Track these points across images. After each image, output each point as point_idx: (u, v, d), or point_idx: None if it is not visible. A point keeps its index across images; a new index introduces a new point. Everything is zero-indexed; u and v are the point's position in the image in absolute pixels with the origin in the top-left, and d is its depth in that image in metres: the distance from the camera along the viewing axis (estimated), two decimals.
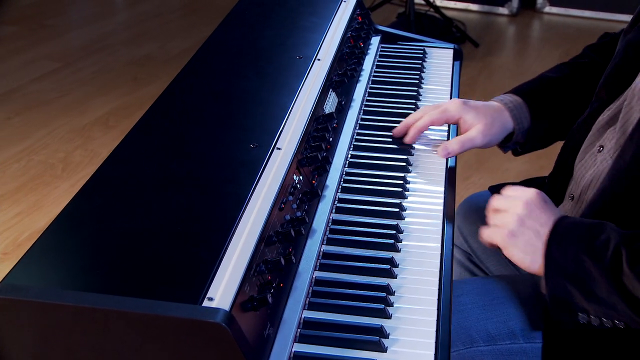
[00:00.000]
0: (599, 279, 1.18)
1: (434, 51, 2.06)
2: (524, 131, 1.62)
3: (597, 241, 1.20)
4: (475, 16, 5.54)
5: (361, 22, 2.01)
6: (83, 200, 1.15)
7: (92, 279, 0.99)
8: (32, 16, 5.10)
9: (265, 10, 1.98)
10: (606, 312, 1.20)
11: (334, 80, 1.65)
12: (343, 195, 1.42)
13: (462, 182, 3.31)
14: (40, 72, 4.26)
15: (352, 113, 1.66)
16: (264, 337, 1.02)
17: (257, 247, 1.08)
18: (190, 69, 1.64)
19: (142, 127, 1.39)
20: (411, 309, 1.16)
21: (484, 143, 1.55)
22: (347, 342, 1.07)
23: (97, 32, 4.93)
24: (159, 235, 1.08)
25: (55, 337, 0.97)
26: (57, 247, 1.04)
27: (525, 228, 1.26)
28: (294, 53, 1.69)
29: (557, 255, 1.22)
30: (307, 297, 1.16)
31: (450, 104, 1.58)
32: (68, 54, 4.54)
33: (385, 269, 1.22)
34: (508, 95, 1.64)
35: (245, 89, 1.56)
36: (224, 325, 0.91)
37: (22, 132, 3.62)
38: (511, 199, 1.30)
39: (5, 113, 3.80)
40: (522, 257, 1.25)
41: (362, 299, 1.16)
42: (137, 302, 0.93)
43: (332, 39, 1.78)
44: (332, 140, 1.50)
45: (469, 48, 4.85)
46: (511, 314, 1.36)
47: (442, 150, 1.55)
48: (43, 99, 3.97)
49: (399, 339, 1.09)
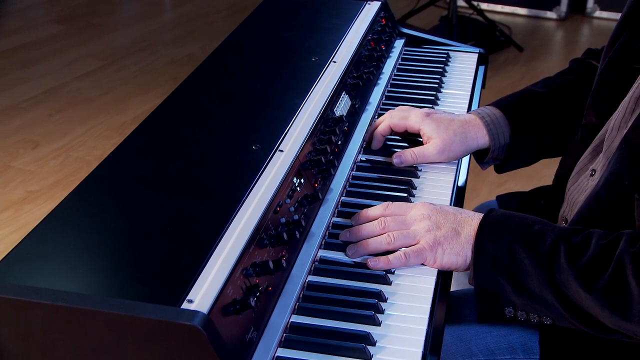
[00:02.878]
0: (531, 271, 1.15)
1: (458, 55, 2.03)
2: (502, 147, 1.55)
3: (531, 232, 1.18)
4: (522, 20, 5.48)
5: (384, 24, 1.99)
6: (76, 198, 1.16)
7: (73, 277, 0.99)
8: (81, 15, 5.19)
9: (287, 12, 1.97)
10: (535, 307, 1.17)
11: (349, 83, 1.64)
12: (347, 199, 1.40)
13: (496, 189, 3.26)
14: (83, 70, 4.33)
15: (366, 116, 1.65)
16: (246, 341, 1.01)
17: (245, 250, 1.07)
18: (203, 69, 1.64)
19: (146, 126, 1.39)
20: (402, 316, 1.13)
21: (440, 159, 1.50)
22: (331, 348, 1.06)
23: (142, 32, 4.99)
24: (147, 235, 1.08)
25: (33, 336, 0.97)
26: (42, 245, 1.05)
27: (441, 233, 1.23)
28: (310, 55, 1.68)
29: (490, 246, 1.19)
30: (297, 301, 1.15)
31: (414, 113, 1.53)
32: (112, 52, 4.60)
33: (380, 276, 1.20)
34: (488, 108, 1.56)
35: (256, 90, 1.55)
36: (200, 328, 0.91)
37: (62, 129, 3.68)
38: (399, 218, 1.27)
39: (47, 110, 3.87)
40: (454, 260, 1.22)
41: (353, 305, 1.14)
42: (114, 303, 0.93)
43: (350, 41, 1.76)
44: (341, 144, 1.48)
45: (513, 52, 4.79)
46: (512, 328, 1.33)
47: (396, 157, 1.50)
48: (84, 96, 4.03)
49: (385, 347, 1.07)
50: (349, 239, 1.28)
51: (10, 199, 3.12)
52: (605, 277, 1.11)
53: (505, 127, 1.53)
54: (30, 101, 3.96)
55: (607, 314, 1.11)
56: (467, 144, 1.51)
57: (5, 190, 3.19)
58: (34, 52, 4.58)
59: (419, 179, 1.48)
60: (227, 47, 1.77)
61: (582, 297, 1.12)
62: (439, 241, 1.23)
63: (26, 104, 3.93)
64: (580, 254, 1.14)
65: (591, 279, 1.11)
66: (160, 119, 1.43)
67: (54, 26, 5.01)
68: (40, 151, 3.47)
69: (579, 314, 1.15)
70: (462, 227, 1.24)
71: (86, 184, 1.20)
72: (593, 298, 1.11)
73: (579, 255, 1.14)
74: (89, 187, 1.20)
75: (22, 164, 3.37)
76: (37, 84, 4.14)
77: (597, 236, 1.16)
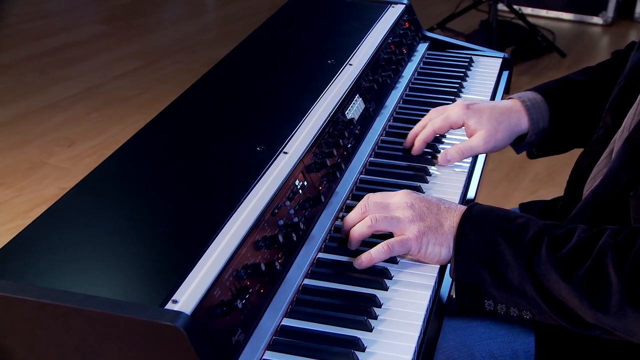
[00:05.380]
0: (512, 263, 1.13)
1: (482, 60, 2.01)
2: (538, 132, 1.54)
3: (513, 224, 1.16)
4: (567, 25, 5.40)
5: (407, 28, 1.97)
6: (74, 196, 1.17)
7: (61, 275, 1.00)
8: (123, 16, 5.25)
9: (309, 13, 1.97)
10: (515, 300, 1.15)
11: (363, 86, 1.63)
12: (352, 202, 1.39)
13: (529, 196, 3.22)
14: (123, 70, 4.38)
15: (380, 120, 1.63)
16: (232, 343, 1.00)
17: (236, 252, 1.06)
18: (218, 68, 1.64)
19: (154, 124, 1.40)
20: (396, 322, 1.12)
21: (487, 149, 1.50)
22: (318, 352, 1.05)
23: (182, 33, 5.03)
24: (141, 234, 1.08)
25: (19, 332, 0.97)
26: (33, 242, 1.05)
27: (425, 224, 1.21)
28: (327, 57, 1.68)
29: (472, 237, 1.17)
30: (290, 304, 1.14)
31: (453, 109, 1.52)
32: (151, 52, 4.65)
33: (377, 280, 1.19)
34: (529, 93, 1.56)
35: (268, 90, 1.55)
36: (181, 328, 0.90)
37: (98, 128, 3.72)
38: (380, 204, 1.25)
39: (85, 109, 3.92)
40: (438, 251, 1.21)
41: (346, 309, 1.13)
42: (98, 301, 0.93)
43: (369, 44, 1.75)
44: (351, 147, 1.47)
45: (556, 58, 4.73)
46: (516, 334, 1.31)
47: (442, 158, 1.50)
48: (122, 95, 4.07)
49: (375, 353, 1.06)
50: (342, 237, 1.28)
51: (43, 195, 3.16)
52: (585, 267, 1.08)
53: (545, 112, 1.54)
54: (69, 100, 4.02)
55: (586, 306, 1.08)
56: (511, 130, 1.52)
57: (39, 187, 3.24)
58: (76, 51, 4.65)
59: (427, 184, 1.46)
60: (244, 47, 1.77)
61: (562, 288, 1.10)
62: (424, 231, 1.21)
63: (65, 103, 3.98)
64: (561, 245, 1.12)
65: (571, 269, 1.09)
66: (168, 117, 1.44)
67: (97, 26, 5.08)
68: (75, 149, 3.52)
69: (559, 308, 1.12)
70: (445, 218, 1.22)
71: (87, 181, 1.21)
72: (572, 289, 1.09)
73: (560, 246, 1.12)
74: (88, 185, 1.20)
75: (58, 161, 3.42)
76: (77, 83, 4.20)
77: (580, 229, 1.14)
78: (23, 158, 3.44)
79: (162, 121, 1.43)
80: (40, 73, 4.31)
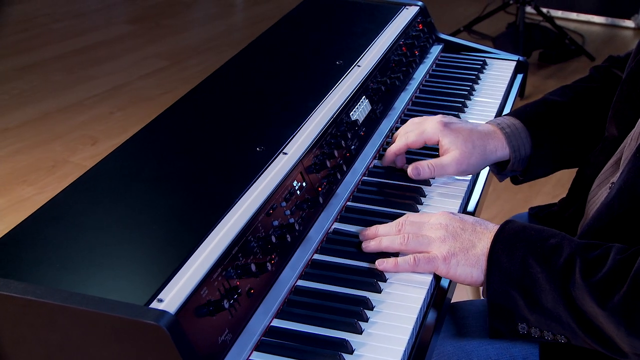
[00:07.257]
0: (545, 287, 1.11)
1: (495, 62, 1.99)
2: (521, 160, 1.49)
3: (546, 245, 1.13)
4: (597, 29, 5.34)
5: (420, 29, 1.96)
6: (69, 194, 1.18)
7: (49, 272, 1.00)
8: (151, 16, 5.28)
9: (321, 14, 1.97)
10: (549, 324, 1.13)
11: (371, 87, 1.62)
12: (352, 204, 1.38)
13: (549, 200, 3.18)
14: (148, 70, 4.40)
15: (387, 122, 1.62)
16: (217, 344, 1.00)
17: (226, 252, 1.06)
18: (226, 67, 1.65)
19: (156, 123, 1.41)
20: (386, 325, 1.11)
21: (458, 172, 1.44)
22: (305, 354, 1.04)
23: (209, 33, 5.06)
24: (132, 233, 1.09)
25: (3, 329, 0.98)
26: (23, 239, 1.06)
27: (457, 244, 1.20)
28: (335, 58, 1.67)
29: (503, 259, 1.15)
30: (281, 305, 1.13)
31: (429, 124, 1.46)
32: (177, 52, 4.67)
33: (370, 282, 1.18)
34: (507, 119, 1.50)
35: (273, 91, 1.55)
36: (164, 327, 0.90)
37: (121, 127, 3.75)
38: (417, 224, 1.24)
39: (109, 108, 3.95)
40: (469, 271, 1.19)
41: (337, 311, 1.12)
42: (82, 298, 0.93)
43: (379, 46, 1.74)
44: (354, 148, 1.46)
45: (584, 62, 4.67)
46: (514, 341, 1.29)
47: (413, 169, 1.44)
48: (146, 95, 4.10)
49: (363, 355, 1.05)
50: (366, 236, 1.27)
51: None
52: (621, 293, 1.05)
53: (526, 139, 1.48)
54: (94, 98, 4.05)
55: (623, 334, 1.06)
56: (486, 156, 1.46)
57: (61, 185, 3.24)
58: (104, 50, 4.68)
59: (430, 186, 1.45)
60: (254, 47, 1.77)
61: (598, 315, 1.07)
62: (454, 252, 1.20)
63: (90, 101, 4.02)
64: (595, 269, 1.09)
65: (606, 295, 1.06)
66: (172, 116, 1.44)
67: (125, 26, 5.12)
68: (98, 147, 3.54)
69: (595, 333, 1.10)
70: (480, 239, 1.20)
71: (83, 179, 1.22)
72: (608, 315, 1.06)
73: (594, 269, 1.09)
74: (84, 183, 1.21)
75: (80, 159, 3.45)
76: (103, 82, 4.24)
77: (615, 250, 1.11)
78: (47, 156, 3.48)
79: (166, 119, 1.43)
80: (67, 72, 4.35)
